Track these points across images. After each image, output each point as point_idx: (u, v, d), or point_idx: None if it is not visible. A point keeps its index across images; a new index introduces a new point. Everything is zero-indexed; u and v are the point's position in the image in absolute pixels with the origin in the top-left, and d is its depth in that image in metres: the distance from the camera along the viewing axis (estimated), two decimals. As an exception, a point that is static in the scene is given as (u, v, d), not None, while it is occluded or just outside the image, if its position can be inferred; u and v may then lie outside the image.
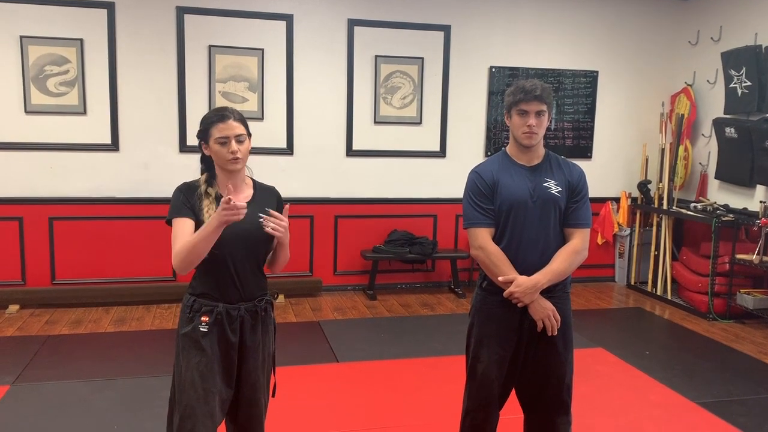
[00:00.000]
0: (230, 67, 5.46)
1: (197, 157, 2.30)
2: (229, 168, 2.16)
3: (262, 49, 5.51)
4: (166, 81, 5.39)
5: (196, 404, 2.09)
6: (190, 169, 2.27)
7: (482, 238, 2.40)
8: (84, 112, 5.25)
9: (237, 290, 2.16)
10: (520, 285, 2.32)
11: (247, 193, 2.24)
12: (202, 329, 2.13)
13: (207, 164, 2.24)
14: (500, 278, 2.36)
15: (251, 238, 2.16)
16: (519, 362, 2.45)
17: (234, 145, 2.12)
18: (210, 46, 5.40)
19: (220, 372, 2.15)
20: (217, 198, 2.16)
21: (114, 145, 5.34)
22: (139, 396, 3.53)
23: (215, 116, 2.16)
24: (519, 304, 2.36)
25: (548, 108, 2.38)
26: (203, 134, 2.18)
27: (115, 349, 4.31)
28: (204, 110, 5.26)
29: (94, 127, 5.29)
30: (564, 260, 2.37)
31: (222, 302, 2.15)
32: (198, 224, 2.12)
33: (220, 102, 5.42)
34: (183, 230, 2.10)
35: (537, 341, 2.41)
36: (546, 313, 2.35)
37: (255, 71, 5.52)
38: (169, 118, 5.43)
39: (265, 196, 2.27)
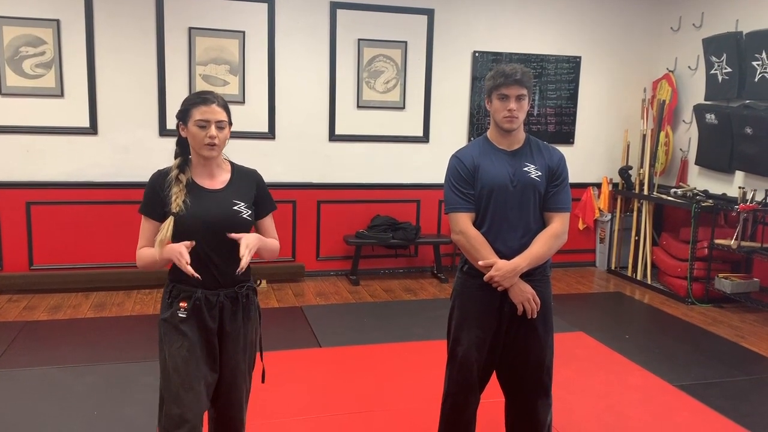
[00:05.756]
0: (211, 49, 5.39)
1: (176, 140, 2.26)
2: (204, 154, 2.12)
3: (244, 32, 5.44)
4: (145, 63, 5.30)
5: (182, 390, 2.07)
6: (170, 152, 2.23)
7: (462, 222, 2.40)
8: (61, 95, 5.16)
9: (215, 277, 2.13)
10: (500, 269, 2.33)
11: (224, 177, 2.20)
12: (180, 315, 2.10)
13: (182, 147, 2.20)
14: (480, 262, 2.36)
15: (225, 226, 2.11)
16: (499, 345, 2.46)
17: (213, 130, 2.09)
18: (190, 28, 5.32)
19: (204, 356, 2.12)
20: (188, 185, 2.13)
21: (92, 129, 5.26)
22: (119, 382, 3.51)
23: (199, 98, 2.13)
24: (499, 288, 2.36)
25: (528, 92, 2.38)
26: (183, 114, 2.13)
27: (94, 335, 4.28)
28: (184, 93, 5.20)
29: (71, 110, 5.20)
30: (543, 244, 2.38)
31: (201, 288, 2.12)
32: (164, 216, 2.11)
33: (200, 85, 5.35)
34: (144, 231, 2.18)
35: (517, 325, 2.43)
36: (525, 296, 2.36)
37: (236, 54, 5.44)
38: (149, 101, 5.34)
39: (244, 181, 2.23)
